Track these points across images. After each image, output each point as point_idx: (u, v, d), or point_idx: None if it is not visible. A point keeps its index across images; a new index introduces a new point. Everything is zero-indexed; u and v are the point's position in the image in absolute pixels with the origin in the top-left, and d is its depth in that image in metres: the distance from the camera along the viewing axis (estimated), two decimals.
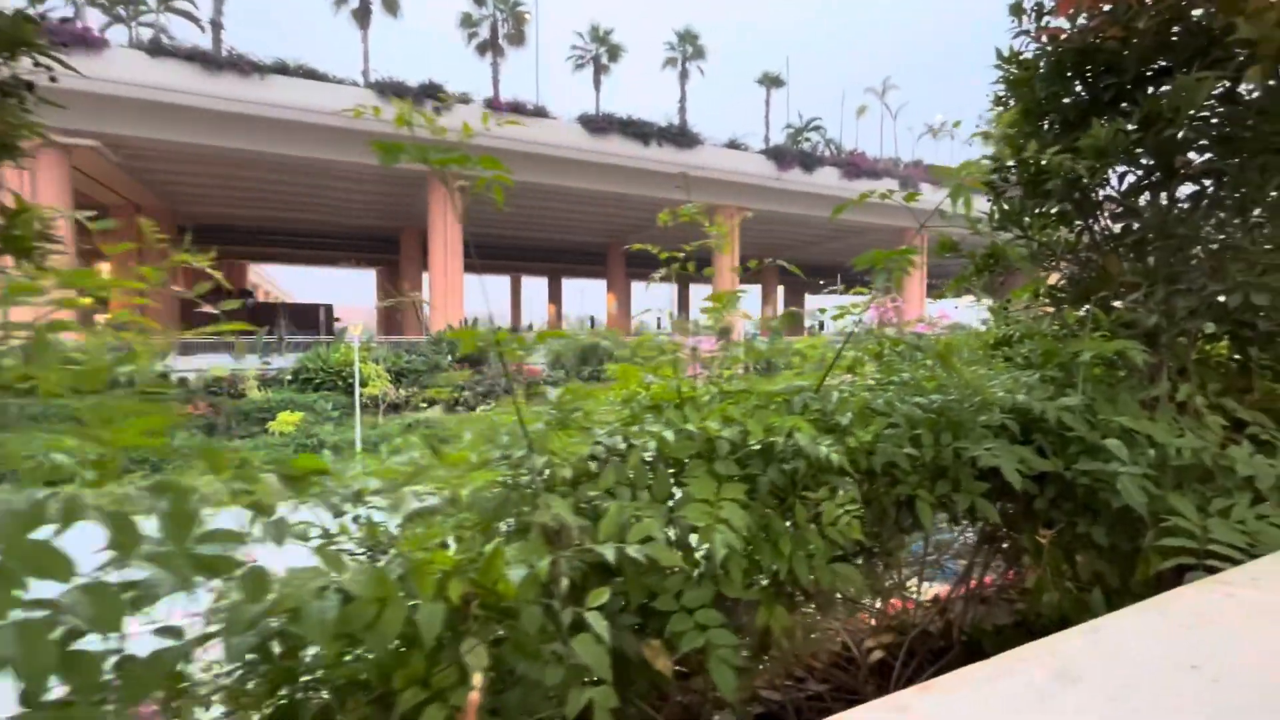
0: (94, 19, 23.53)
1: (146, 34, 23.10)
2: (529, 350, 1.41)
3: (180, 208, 28.80)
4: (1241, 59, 1.95)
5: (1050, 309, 2.65)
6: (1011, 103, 2.56)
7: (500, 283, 46.33)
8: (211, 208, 29.49)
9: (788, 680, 2.21)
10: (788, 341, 2.35)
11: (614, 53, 31.98)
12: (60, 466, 0.81)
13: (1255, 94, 1.99)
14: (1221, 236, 2.16)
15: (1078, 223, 2.50)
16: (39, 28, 2.27)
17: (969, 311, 3.21)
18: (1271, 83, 1.90)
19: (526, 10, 30.42)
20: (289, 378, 20.96)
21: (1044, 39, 2.33)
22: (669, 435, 1.43)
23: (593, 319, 34.94)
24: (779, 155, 30.36)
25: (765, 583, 1.76)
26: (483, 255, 36.20)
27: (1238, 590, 1.27)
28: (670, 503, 1.50)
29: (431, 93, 24.05)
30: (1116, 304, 2.40)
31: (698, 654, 1.31)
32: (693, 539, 1.44)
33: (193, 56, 21.12)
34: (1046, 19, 2.34)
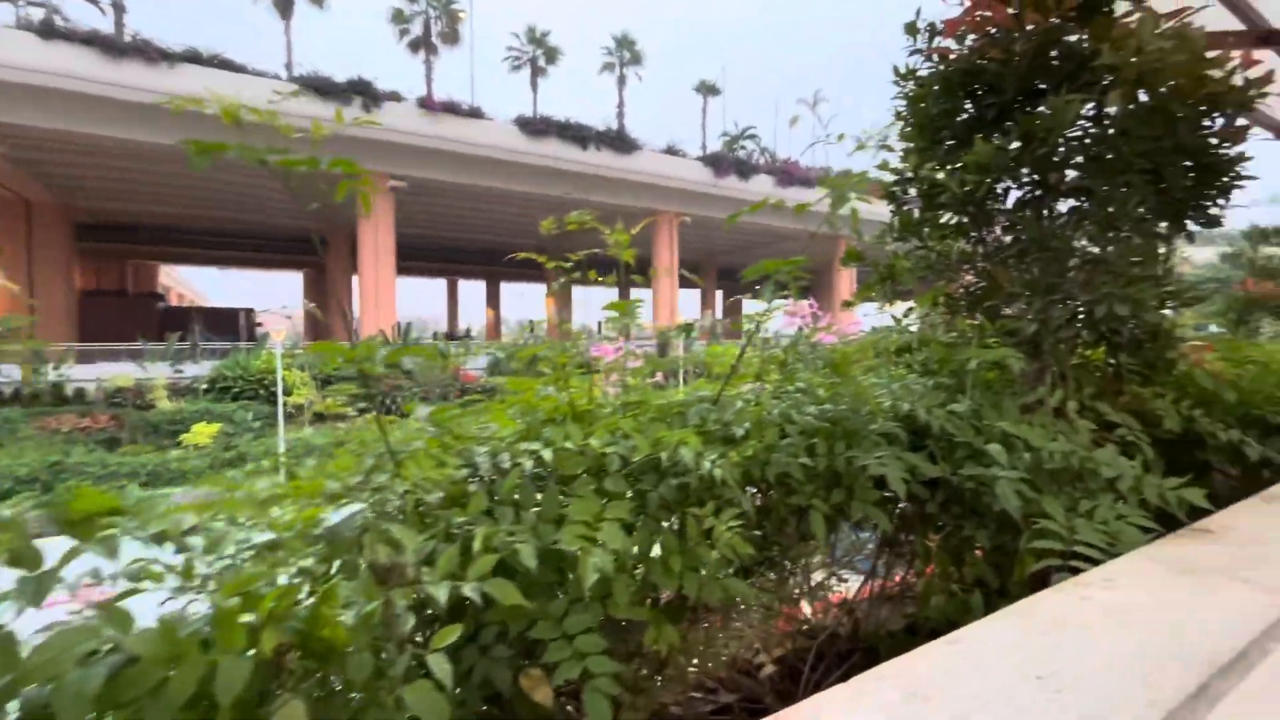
0: None
1: (38, 16, 21.13)
2: (391, 371, 1.32)
3: (79, 204, 26.49)
4: (1106, 83, 2.07)
5: (948, 316, 2.76)
6: (911, 118, 2.65)
7: (437, 285, 45.09)
8: (116, 204, 27.26)
9: (698, 692, 2.19)
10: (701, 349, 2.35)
11: (551, 55, 31.70)
12: None
13: (1119, 116, 2.12)
14: (1095, 250, 2.29)
15: (973, 234, 2.61)
16: None
17: (884, 318, 3.30)
18: (1131, 106, 2.03)
19: (461, 9, 29.76)
20: (205, 387, 19.65)
21: (936, 58, 2.42)
22: (547, 454, 1.36)
23: (532, 323, 34.44)
24: (716, 162, 30.89)
25: (660, 600, 1.72)
26: (417, 257, 35.06)
27: (1095, 592, 1.32)
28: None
29: (360, 89, 23.13)
30: (1008, 312, 2.52)
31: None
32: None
33: (91, 40, 19.51)
34: (938, 39, 2.43)
